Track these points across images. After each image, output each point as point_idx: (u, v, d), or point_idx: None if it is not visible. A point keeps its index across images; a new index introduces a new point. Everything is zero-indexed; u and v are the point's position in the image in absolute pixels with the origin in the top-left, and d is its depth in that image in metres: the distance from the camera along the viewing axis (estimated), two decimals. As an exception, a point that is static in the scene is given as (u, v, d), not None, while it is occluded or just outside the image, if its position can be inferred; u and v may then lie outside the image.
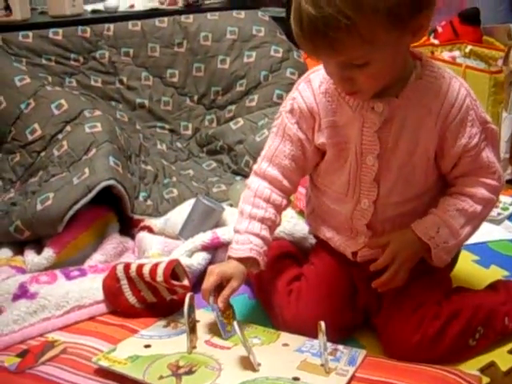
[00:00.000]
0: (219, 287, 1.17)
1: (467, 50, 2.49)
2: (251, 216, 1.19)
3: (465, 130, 1.11)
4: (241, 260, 1.17)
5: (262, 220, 1.19)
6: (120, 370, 1.07)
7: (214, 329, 1.20)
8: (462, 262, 1.35)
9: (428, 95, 1.10)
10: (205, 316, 1.23)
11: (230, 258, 1.19)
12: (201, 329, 1.20)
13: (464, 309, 1.14)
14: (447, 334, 1.12)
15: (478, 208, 1.15)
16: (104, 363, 1.10)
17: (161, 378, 1.04)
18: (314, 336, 1.12)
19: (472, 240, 1.23)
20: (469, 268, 1.47)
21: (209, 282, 1.15)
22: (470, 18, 2.74)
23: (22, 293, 1.30)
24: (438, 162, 1.16)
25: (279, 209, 1.22)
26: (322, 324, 1.08)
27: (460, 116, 1.10)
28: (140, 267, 1.27)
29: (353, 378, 1.06)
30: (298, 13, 0.95)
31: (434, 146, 1.13)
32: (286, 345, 1.15)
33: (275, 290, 1.26)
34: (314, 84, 1.16)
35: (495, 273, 1.46)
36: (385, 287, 1.14)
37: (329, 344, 1.12)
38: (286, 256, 1.37)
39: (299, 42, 0.99)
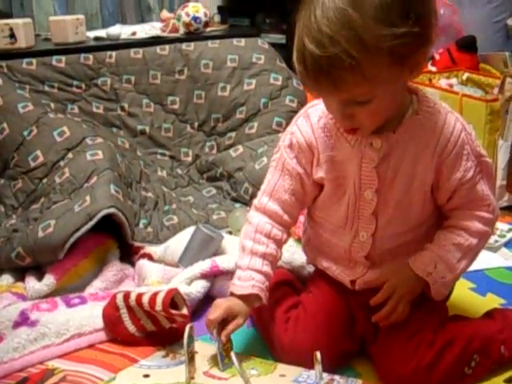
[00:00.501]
0: (223, 320, 1.17)
1: (464, 77, 2.52)
2: (253, 252, 1.19)
3: (460, 163, 1.13)
4: (243, 296, 1.18)
5: (264, 256, 1.20)
6: (119, 400, 1.08)
7: (211, 359, 1.20)
8: (459, 289, 1.36)
9: (424, 130, 1.12)
10: (202, 346, 1.24)
11: (232, 294, 1.19)
12: (199, 359, 1.20)
13: (459, 337, 1.15)
14: (442, 362, 1.13)
15: (474, 241, 1.17)
16: (104, 392, 1.11)
17: (160, 407, 1.05)
18: (311, 366, 1.12)
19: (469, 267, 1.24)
20: (465, 296, 1.48)
21: (215, 315, 1.15)
22: (467, 45, 2.78)
23: (23, 320, 1.31)
24: (434, 195, 1.18)
25: (280, 243, 1.23)
26: (318, 354, 1.09)
27: (455, 150, 1.12)
28: (139, 296, 1.28)
29: (349, 408, 1.07)
30: (301, 52, 0.96)
31: (430, 179, 1.15)
32: (282, 375, 1.16)
33: (273, 317, 1.27)
34: (312, 119, 1.18)
35: (492, 301, 1.47)
36: (385, 321, 1.16)
37: (325, 374, 1.13)
38: (284, 284, 1.38)
39: (302, 80, 1.00)
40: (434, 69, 2.68)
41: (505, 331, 1.22)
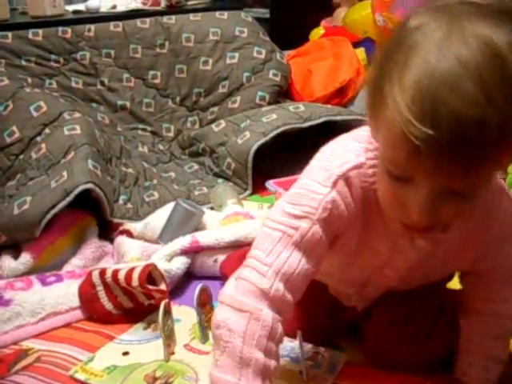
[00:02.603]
0: None
1: None
2: (263, 370, 0.80)
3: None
4: None
5: (272, 373, 0.83)
6: (96, 383, 1.06)
7: (194, 329, 1.18)
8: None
9: (475, 220, 0.89)
10: (186, 314, 1.23)
11: None
12: (181, 329, 1.19)
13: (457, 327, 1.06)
14: (439, 352, 1.08)
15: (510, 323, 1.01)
16: (80, 376, 1.08)
17: (137, 391, 1.03)
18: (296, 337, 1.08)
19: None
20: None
21: None
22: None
23: (-4, 299, 1.27)
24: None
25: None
26: (299, 334, 1.06)
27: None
28: (115, 272, 1.25)
29: (332, 385, 1.04)
30: (430, 106, 0.64)
31: (467, 263, 0.98)
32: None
33: None
34: (354, 187, 0.86)
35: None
36: None
37: (309, 346, 1.11)
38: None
39: (420, 150, 0.65)
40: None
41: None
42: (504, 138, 0.65)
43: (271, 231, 0.85)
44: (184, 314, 1.25)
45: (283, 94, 2.38)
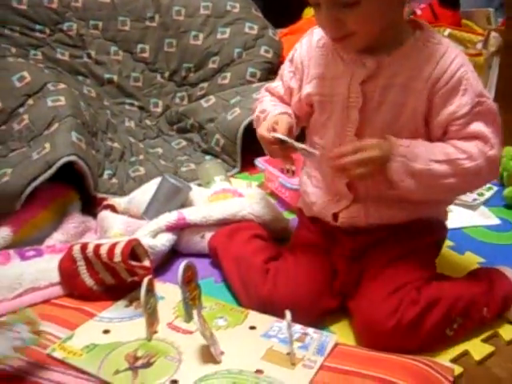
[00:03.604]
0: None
1: (446, 33, 2.46)
2: (274, 106, 1.26)
3: (455, 97, 1.07)
4: (282, 113, 1.21)
5: (285, 108, 1.25)
6: (74, 362, 1.02)
7: (178, 307, 1.15)
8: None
9: (420, 58, 1.09)
10: (170, 291, 1.20)
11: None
12: (165, 306, 1.16)
13: (444, 298, 1.09)
14: (424, 322, 1.07)
15: (463, 160, 1.07)
16: (58, 354, 1.04)
17: (116, 372, 0.99)
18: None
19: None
20: (443, 254, 1.41)
21: (265, 125, 1.18)
22: (450, 1, 2.73)
23: (-28, 274, 1.23)
24: (429, 129, 1.12)
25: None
26: (288, 314, 1.02)
27: (451, 83, 1.07)
28: (97, 247, 1.21)
29: (321, 367, 1.01)
30: None
31: (422, 109, 1.10)
32: (252, 328, 1.10)
33: (250, 268, 1.21)
34: (314, 37, 1.21)
35: (470, 259, 1.42)
36: (336, 163, 1.06)
37: (298, 327, 1.09)
38: (258, 237, 1.33)
39: None
40: (415, 23, 2.60)
41: (489, 293, 1.16)
42: None
43: None
44: (168, 292, 1.21)
45: (275, 71, 2.32)
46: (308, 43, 1.22)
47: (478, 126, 1.08)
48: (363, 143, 1.07)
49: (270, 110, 1.24)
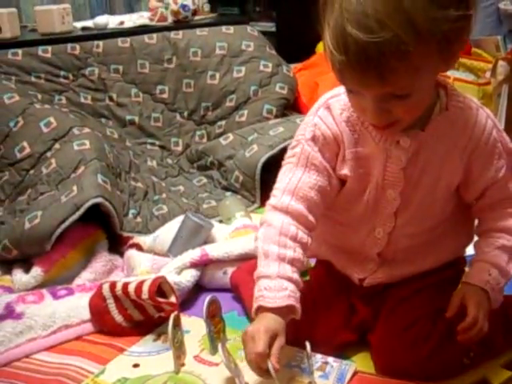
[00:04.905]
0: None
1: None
2: (280, 257, 1.03)
3: (492, 163, 1.08)
4: (277, 310, 1.01)
5: (292, 262, 1.04)
6: (107, 395, 1.07)
7: (203, 340, 1.19)
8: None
9: (455, 128, 1.05)
10: (196, 325, 1.23)
11: (260, 308, 1.02)
12: (191, 340, 1.19)
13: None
14: (440, 355, 1.08)
15: None
16: (92, 388, 1.09)
17: (148, 404, 1.03)
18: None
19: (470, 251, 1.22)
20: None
21: (262, 347, 0.96)
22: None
23: (8, 313, 1.28)
24: (462, 194, 1.13)
25: (306, 248, 1.08)
26: (308, 345, 1.06)
27: (487, 149, 1.07)
28: (126, 285, 1.26)
29: (341, 395, 1.05)
30: (342, 39, 0.87)
31: (457, 179, 1.10)
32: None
33: None
34: (334, 111, 1.09)
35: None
36: (468, 335, 1.06)
37: (319, 356, 1.12)
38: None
39: (342, 71, 0.91)
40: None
41: (504, 319, 1.17)
42: (400, 51, 0.84)
43: (282, 168, 1.13)
44: (193, 325, 1.25)
45: (290, 106, 2.39)
46: (330, 117, 1.08)
47: None
48: (475, 317, 1.05)
49: (274, 269, 1.03)
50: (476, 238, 1.19)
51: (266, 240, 1.06)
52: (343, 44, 0.87)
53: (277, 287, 1.01)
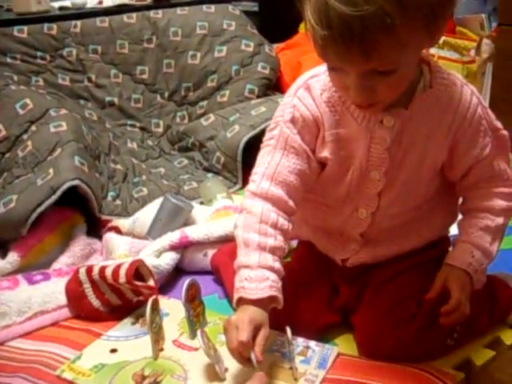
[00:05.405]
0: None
1: (440, 40, 2.48)
2: (260, 247, 1.01)
3: (477, 140, 1.06)
4: (259, 301, 0.98)
5: (273, 250, 1.02)
6: (84, 383, 1.04)
7: (183, 324, 1.18)
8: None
9: (439, 105, 1.02)
10: (175, 307, 1.22)
11: (241, 299, 0.99)
12: (170, 323, 1.18)
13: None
14: (424, 336, 1.07)
15: (500, 220, 1.10)
16: (68, 375, 1.07)
17: (125, 391, 1.01)
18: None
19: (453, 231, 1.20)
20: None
21: (246, 336, 0.93)
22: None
23: (-18, 300, 1.25)
24: (446, 173, 1.11)
25: (287, 235, 1.06)
26: (288, 330, 1.04)
27: (472, 127, 1.04)
28: (102, 269, 1.23)
29: (323, 380, 1.03)
30: (324, 13, 0.83)
31: (442, 158, 1.07)
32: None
33: None
34: (314, 91, 1.05)
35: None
36: (450, 318, 1.03)
37: (300, 340, 1.10)
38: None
39: (325, 47, 0.87)
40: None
41: (489, 301, 1.16)
42: (386, 25, 0.81)
43: (261, 151, 1.09)
44: (173, 308, 1.24)
45: (272, 86, 2.36)
46: (310, 98, 1.05)
47: (497, 163, 1.09)
48: (458, 299, 1.03)
49: (255, 259, 1.00)
50: (460, 217, 1.17)
51: (246, 228, 1.03)
52: (326, 18, 0.83)
53: (258, 277, 0.99)
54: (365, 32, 0.81)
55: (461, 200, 1.19)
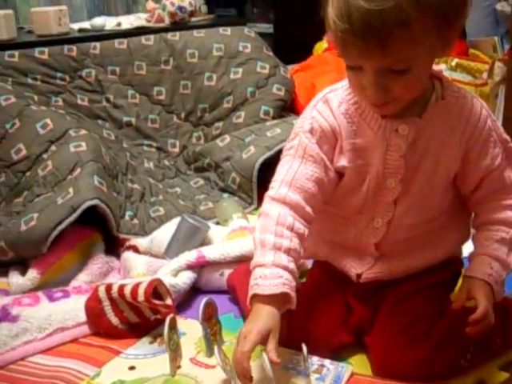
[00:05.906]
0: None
1: (453, 63, 2.51)
2: (276, 247, 1.03)
3: (487, 151, 1.10)
4: (272, 297, 1.00)
5: (288, 251, 1.04)
6: (103, 398, 1.06)
7: (199, 342, 1.19)
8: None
9: (451, 116, 1.08)
10: (192, 327, 1.23)
11: (256, 296, 1.01)
12: (187, 342, 1.19)
13: (457, 329, 1.08)
14: (437, 356, 1.08)
15: None
16: (87, 391, 1.09)
17: (143, 407, 1.03)
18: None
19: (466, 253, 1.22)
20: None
21: (246, 346, 0.96)
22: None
23: (4, 316, 1.28)
24: (459, 184, 1.15)
25: (302, 239, 1.08)
26: (304, 347, 1.06)
27: (483, 137, 1.09)
28: (121, 287, 1.25)
29: (337, 398, 1.04)
30: (345, 7, 0.91)
31: (455, 167, 1.12)
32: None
33: None
34: (332, 104, 1.11)
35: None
36: (477, 327, 1.05)
37: (315, 359, 1.11)
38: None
39: (345, 40, 0.93)
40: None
41: (502, 322, 1.16)
42: (401, 20, 0.88)
43: (281, 160, 1.14)
44: (190, 327, 1.25)
45: (287, 108, 2.38)
46: (329, 110, 1.11)
47: (507, 174, 1.14)
48: (486, 307, 1.05)
49: (270, 258, 1.03)
50: (473, 231, 1.20)
51: (263, 230, 1.07)
52: (346, 13, 0.91)
53: (272, 275, 1.01)
54: (382, 26, 0.89)
55: (473, 215, 1.21)
